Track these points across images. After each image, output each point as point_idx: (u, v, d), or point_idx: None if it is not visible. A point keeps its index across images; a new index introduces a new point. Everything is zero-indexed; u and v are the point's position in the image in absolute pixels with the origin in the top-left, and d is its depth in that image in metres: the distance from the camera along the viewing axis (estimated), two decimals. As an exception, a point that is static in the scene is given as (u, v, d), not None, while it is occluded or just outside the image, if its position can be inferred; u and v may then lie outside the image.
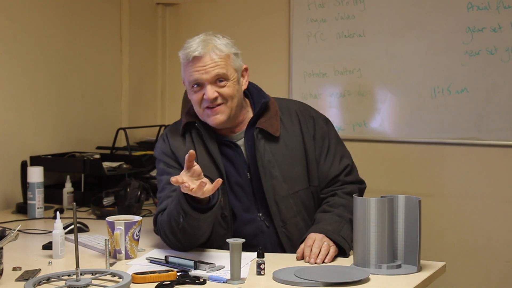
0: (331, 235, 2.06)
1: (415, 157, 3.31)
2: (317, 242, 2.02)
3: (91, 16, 3.49)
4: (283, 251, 2.20)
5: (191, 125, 2.25)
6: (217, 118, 2.16)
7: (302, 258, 2.04)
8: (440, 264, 2.00)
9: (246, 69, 2.26)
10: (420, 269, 1.93)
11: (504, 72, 3.08)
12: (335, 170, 2.26)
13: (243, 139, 2.24)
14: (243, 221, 2.22)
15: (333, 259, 2.03)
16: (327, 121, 2.34)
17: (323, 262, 1.99)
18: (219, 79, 2.14)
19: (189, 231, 2.04)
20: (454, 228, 3.23)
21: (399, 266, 1.93)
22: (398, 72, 3.30)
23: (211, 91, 2.13)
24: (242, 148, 2.24)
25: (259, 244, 2.12)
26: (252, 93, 2.30)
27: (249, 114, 2.28)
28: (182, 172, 1.94)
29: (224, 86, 2.15)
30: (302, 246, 2.06)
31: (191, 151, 1.92)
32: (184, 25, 3.87)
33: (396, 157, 3.34)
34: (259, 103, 2.24)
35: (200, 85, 2.15)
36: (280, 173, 2.20)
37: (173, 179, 1.88)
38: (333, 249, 2.03)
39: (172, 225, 2.06)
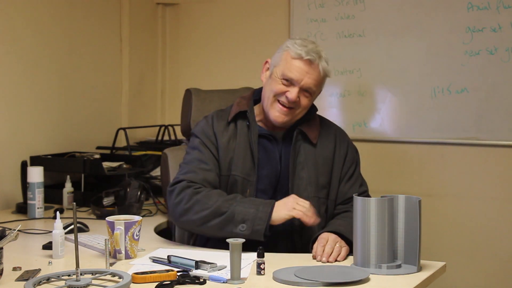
0: (344, 232, 2.11)
1: (415, 157, 3.31)
2: (330, 243, 2.07)
3: (91, 16, 3.48)
4: (292, 241, 2.26)
5: (238, 115, 2.36)
6: (280, 116, 2.30)
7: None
8: (440, 264, 2.01)
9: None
10: (420, 269, 1.93)
11: (504, 72, 3.08)
12: (354, 191, 2.33)
13: (282, 137, 2.36)
14: None
15: (345, 259, 2.06)
16: (357, 152, 2.47)
17: (336, 260, 2.03)
18: (307, 90, 2.28)
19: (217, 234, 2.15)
20: (454, 228, 3.23)
21: (399, 266, 1.93)
22: (398, 72, 3.30)
23: (295, 94, 2.26)
24: (280, 144, 2.35)
25: (271, 227, 2.14)
26: None
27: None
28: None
29: (306, 97, 2.30)
30: (315, 245, 2.09)
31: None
32: (184, 25, 3.86)
33: (396, 157, 3.34)
34: (308, 109, 2.36)
35: (290, 83, 2.26)
36: (307, 176, 2.30)
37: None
38: (345, 250, 2.08)
39: (210, 217, 2.15)
